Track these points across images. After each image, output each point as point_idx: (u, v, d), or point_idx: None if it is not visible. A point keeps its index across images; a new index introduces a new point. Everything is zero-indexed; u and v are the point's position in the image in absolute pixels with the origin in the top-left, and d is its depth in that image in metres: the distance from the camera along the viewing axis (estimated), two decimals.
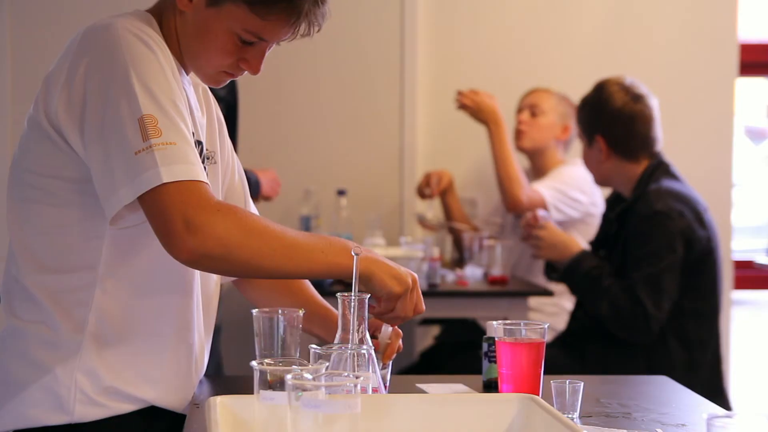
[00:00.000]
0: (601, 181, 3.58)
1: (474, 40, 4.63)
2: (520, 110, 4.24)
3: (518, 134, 4.21)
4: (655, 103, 3.45)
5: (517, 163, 4.06)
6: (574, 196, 4.01)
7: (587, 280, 3.34)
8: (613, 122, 3.41)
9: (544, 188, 4.04)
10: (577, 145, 3.84)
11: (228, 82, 1.84)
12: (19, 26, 4.38)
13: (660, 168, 3.39)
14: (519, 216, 4.23)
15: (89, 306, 1.74)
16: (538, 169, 4.24)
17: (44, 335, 1.74)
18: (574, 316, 3.54)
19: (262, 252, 1.65)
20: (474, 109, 4.10)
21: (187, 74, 1.84)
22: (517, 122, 4.22)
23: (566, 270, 3.42)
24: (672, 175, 3.39)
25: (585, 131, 3.51)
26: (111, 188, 1.64)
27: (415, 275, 1.77)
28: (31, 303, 1.75)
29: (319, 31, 1.79)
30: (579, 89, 3.67)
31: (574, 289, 3.48)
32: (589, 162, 3.53)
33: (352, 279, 1.68)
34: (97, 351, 1.74)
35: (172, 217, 1.61)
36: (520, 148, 4.22)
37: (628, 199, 3.41)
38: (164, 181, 1.61)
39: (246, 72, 1.81)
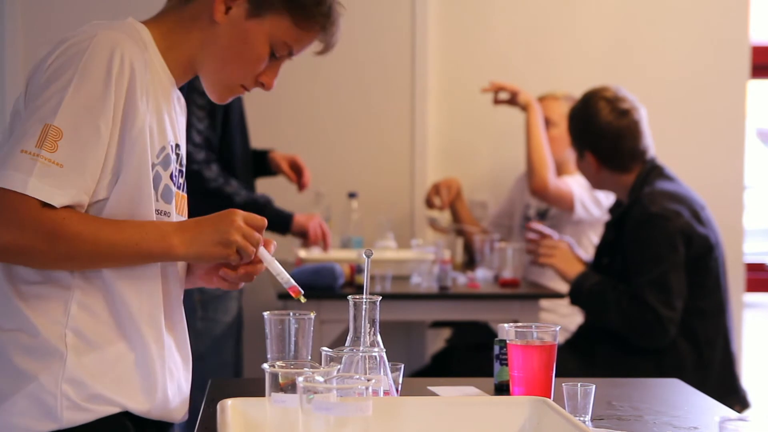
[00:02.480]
0: (597, 186, 3.59)
1: (485, 42, 4.63)
2: None
3: None
4: (642, 114, 3.44)
5: (549, 150, 4.04)
6: (598, 195, 4.01)
7: (592, 298, 3.33)
8: (599, 139, 3.42)
9: (573, 183, 4.03)
10: None
11: None
12: (32, 26, 4.39)
13: (653, 171, 3.39)
14: (527, 218, 4.22)
15: (67, 313, 1.73)
16: None
17: (25, 343, 1.72)
18: (585, 317, 3.53)
19: (69, 256, 1.68)
20: (513, 92, 4.09)
21: (179, 84, 1.85)
22: None
23: (571, 294, 3.41)
24: (666, 177, 3.39)
25: (574, 144, 3.53)
26: None
27: (238, 219, 1.74)
28: (10, 312, 1.74)
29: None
30: None
31: (583, 310, 3.47)
32: (583, 171, 3.55)
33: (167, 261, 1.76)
34: (78, 357, 1.72)
35: None
36: None
37: (625, 204, 3.41)
38: (25, 193, 1.62)
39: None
